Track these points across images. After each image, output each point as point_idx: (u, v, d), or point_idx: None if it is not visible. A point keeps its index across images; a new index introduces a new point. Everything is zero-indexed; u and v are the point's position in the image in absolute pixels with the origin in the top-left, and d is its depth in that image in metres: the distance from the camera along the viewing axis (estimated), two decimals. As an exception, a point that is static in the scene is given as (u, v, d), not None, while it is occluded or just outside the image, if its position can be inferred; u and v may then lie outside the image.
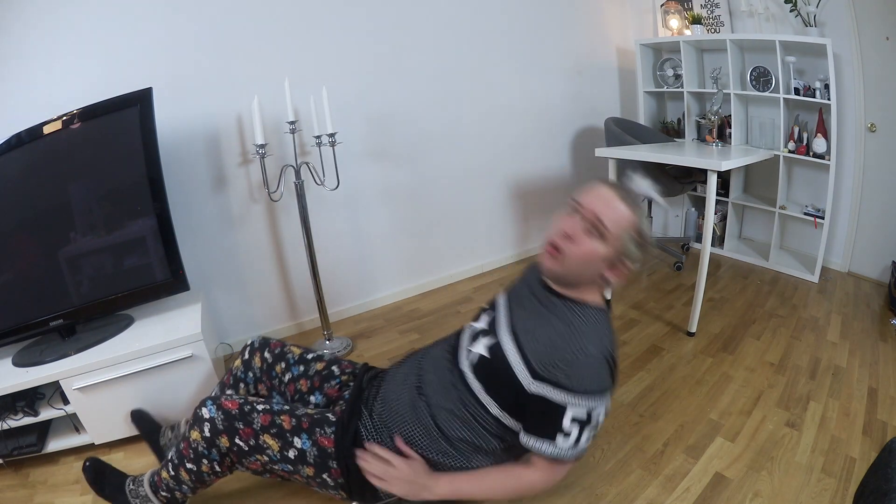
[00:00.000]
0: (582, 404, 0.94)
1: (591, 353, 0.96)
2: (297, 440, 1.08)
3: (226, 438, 1.08)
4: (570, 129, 3.24)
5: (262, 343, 1.38)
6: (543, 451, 0.97)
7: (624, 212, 1.01)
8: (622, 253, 1.01)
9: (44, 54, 1.59)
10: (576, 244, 0.99)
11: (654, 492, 1.31)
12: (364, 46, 2.23)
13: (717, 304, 2.40)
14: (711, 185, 1.93)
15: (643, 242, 1.03)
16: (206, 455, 1.09)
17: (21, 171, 1.48)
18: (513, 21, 2.75)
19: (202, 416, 1.10)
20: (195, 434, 1.09)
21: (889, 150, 2.45)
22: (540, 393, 0.96)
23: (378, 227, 2.47)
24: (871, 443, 1.44)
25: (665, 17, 3.21)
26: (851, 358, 1.90)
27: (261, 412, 1.10)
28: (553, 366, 0.95)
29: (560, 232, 1.02)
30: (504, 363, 1.00)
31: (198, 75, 1.86)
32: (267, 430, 1.08)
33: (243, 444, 1.08)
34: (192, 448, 1.10)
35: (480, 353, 1.05)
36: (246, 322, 2.18)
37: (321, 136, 1.91)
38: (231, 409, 1.09)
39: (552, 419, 0.96)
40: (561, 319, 1.01)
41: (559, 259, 1.01)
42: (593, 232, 0.99)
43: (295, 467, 1.09)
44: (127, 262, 1.63)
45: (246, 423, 1.08)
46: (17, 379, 1.40)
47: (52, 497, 1.37)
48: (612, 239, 0.99)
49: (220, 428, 1.08)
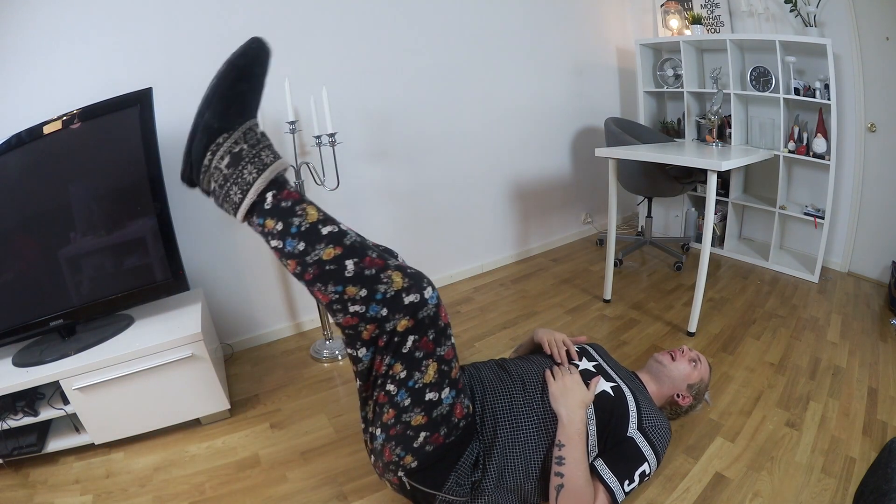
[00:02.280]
0: (654, 464, 1.17)
1: (669, 428, 1.26)
2: (446, 391, 1.01)
3: (407, 323, 0.93)
4: (570, 129, 3.24)
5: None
6: (613, 489, 1.11)
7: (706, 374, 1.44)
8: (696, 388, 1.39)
9: (44, 54, 1.59)
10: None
11: (654, 492, 1.31)
12: (364, 46, 2.23)
13: (717, 304, 2.40)
14: (711, 185, 1.93)
15: (701, 395, 1.43)
16: (377, 299, 0.91)
17: (21, 171, 1.48)
18: (513, 21, 2.75)
19: (425, 286, 0.96)
20: (398, 278, 0.93)
21: (889, 150, 2.45)
22: (634, 439, 1.18)
23: (378, 227, 2.47)
24: (871, 443, 1.44)
25: (665, 17, 3.21)
26: (851, 358, 1.90)
27: (452, 345, 1.03)
28: (652, 425, 1.21)
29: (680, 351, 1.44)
30: (624, 405, 1.21)
31: (198, 75, 1.84)
32: (442, 361, 0.99)
33: (411, 345, 0.95)
34: (380, 270, 0.93)
35: (605, 390, 1.23)
36: (246, 322, 2.18)
37: (321, 137, 1.91)
38: (442, 320, 0.99)
39: (631, 465, 1.15)
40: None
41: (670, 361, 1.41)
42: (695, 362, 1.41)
43: (412, 406, 0.98)
44: (127, 262, 1.63)
45: (435, 341, 0.97)
46: (17, 379, 1.40)
47: (52, 497, 1.37)
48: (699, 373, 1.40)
49: (419, 316, 0.94)
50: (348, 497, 1.32)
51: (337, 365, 2.02)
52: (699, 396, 1.43)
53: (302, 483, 1.38)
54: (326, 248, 0.92)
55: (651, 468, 1.17)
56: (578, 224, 3.50)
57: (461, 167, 2.70)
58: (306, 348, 2.15)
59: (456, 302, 2.56)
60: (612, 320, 2.27)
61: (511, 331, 2.21)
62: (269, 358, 2.11)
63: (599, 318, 2.30)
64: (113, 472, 1.46)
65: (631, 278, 2.77)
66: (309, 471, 1.42)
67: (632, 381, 1.34)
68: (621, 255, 2.93)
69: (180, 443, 1.58)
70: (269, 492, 1.35)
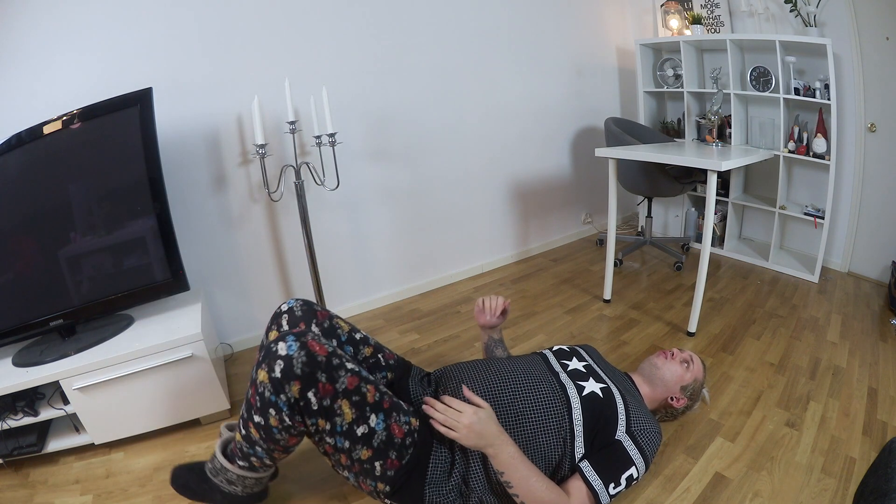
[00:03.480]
0: (641, 468, 1.15)
1: (659, 432, 1.23)
2: (373, 418, 0.99)
3: (298, 387, 0.91)
4: (569, 129, 3.24)
5: (306, 311, 1.19)
6: (597, 490, 1.09)
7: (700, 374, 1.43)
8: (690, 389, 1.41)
9: (44, 54, 1.59)
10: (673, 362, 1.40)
11: (653, 492, 1.31)
12: (364, 46, 2.23)
13: (716, 304, 2.40)
14: (711, 185, 1.93)
15: (697, 395, 1.44)
16: (273, 403, 0.92)
17: (21, 171, 1.48)
18: (513, 21, 2.75)
19: (277, 351, 0.92)
20: (262, 374, 0.92)
21: (889, 150, 2.45)
22: (622, 442, 1.16)
23: (378, 227, 2.47)
24: (871, 443, 1.44)
25: (665, 17, 3.21)
26: (851, 358, 1.90)
27: (349, 372, 0.97)
28: (641, 429, 1.18)
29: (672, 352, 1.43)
30: (612, 408, 1.19)
31: (198, 75, 1.86)
32: (350, 395, 0.95)
33: (316, 401, 0.92)
34: (259, 393, 0.93)
35: (594, 391, 1.21)
36: (246, 322, 2.18)
37: (321, 136, 1.91)
38: (318, 355, 0.93)
39: (618, 468, 1.12)
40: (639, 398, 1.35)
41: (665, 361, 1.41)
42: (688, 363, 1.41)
43: (352, 446, 0.99)
44: (127, 262, 1.63)
45: (330, 379, 0.93)
46: (17, 379, 1.40)
47: (52, 497, 1.37)
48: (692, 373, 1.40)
49: (297, 373, 0.91)
50: (348, 497, 1.32)
51: (337, 365, 2.02)
52: (694, 397, 1.43)
53: (302, 483, 1.38)
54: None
55: (639, 472, 1.15)
56: (578, 224, 3.50)
57: (461, 167, 2.71)
58: (306, 348, 2.15)
59: (456, 302, 2.56)
60: (611, 320, 2.27)
61: (511, 331, 2.21)
62: (269, 358, 2.10)
63: (599, 318, 2.30)
64: (113, 472, 1.46)
65: (631, 278, 2.77)
66: (309, 470, 1.42)
67: (623, 384, 1.33)
68: (621, 255, 2.93)
69: (180, 443, 1.58)
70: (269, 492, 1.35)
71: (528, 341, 2.12)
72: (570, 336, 2.14)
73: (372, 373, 1.24)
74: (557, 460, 1.15)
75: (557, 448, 1.14)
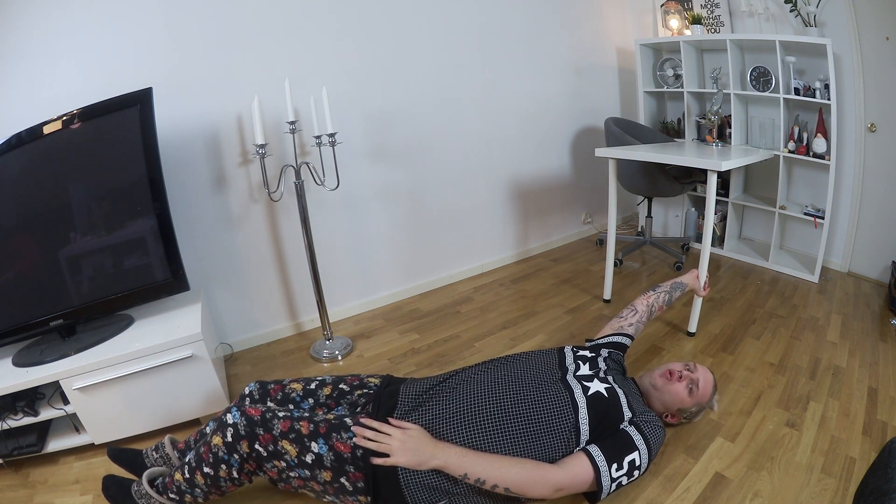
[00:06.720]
0: (644, 456, 1.19)
1: (663, 427, 1.29)
2: (314, 445, 1.10)
3: (246, 444, 1.10)
4: (569, 129, 3.24)
5: (261, 392, 1.36)
6: (598, 462, 1.13)
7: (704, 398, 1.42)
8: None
9: (44, 54, 1.59)
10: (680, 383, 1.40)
11: (653, 492, 1.31)
12: (364, 46, 2.23)
13: (716, 304, 2.40)
14: (711, 185, 1.93)
15: (692, 416, 1.47)
16: (225, 460, 1.11)
17: (21, 170, 1.48)
18: (513, 21, 2.75)
19: (226, 421, 1.13)
20: (217, 439, 1.12)
21: (889, 150, 2.45)
22: (627, 430, 1.22)
23: (378, 227, 2.47)
24: (871, 443, 1.44)
25: (665, 18, 3.21)
26: (851, 358, 1.90)
27: (281, 418, 1.14)
28: (644, 421, 1.24)
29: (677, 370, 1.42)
30: (618, 406, 1.24)
31: (198, 75, 1.86)
32: (286, 435, 1.11)
33: (262, 449, 1.10)
34: (213, 452, 1.12)
35: (599, 391, 1.25)
36: (246, 322, 2.18)
37: (321, 136, 1.91)
38: (254, 416, 1.13)
39: (621, 449, 1.17)
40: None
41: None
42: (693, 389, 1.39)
43: (312, 472, 1.10)
44: (127, 262, 1.63)
45: (266, 430, 1.11)
46: (17, 379, 1.40)
47: (52, 497, 1.37)
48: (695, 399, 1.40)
49: (242, 433, 1.10)
50: None
51: (337, 365, 2.02)
52: (691, 417, 1.46)
53: None
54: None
55: (642, 460, 1.18)
56: (578, 224, 3.50)
57: (461, 167, 2.71)
58: (306, 348, 2.15)
59: (456, 302, 2.56)
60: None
61: (511, 331, 2.21)
62: (269, 358, 2.11)
63: (599, 318, 2.29)
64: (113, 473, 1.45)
65: (631, 278, 2.77)
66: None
67: (627, 385, 1.36)
68: (621, 255, 2.93)
69: (180, 443, 1.58)
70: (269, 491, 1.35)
71: (529, 341, 2.12)
72: (570, 336, 2.14)
73: (339, 402, 1.34)
74: (563, 457, 1.17)
75: (568, 447, 1.17)
